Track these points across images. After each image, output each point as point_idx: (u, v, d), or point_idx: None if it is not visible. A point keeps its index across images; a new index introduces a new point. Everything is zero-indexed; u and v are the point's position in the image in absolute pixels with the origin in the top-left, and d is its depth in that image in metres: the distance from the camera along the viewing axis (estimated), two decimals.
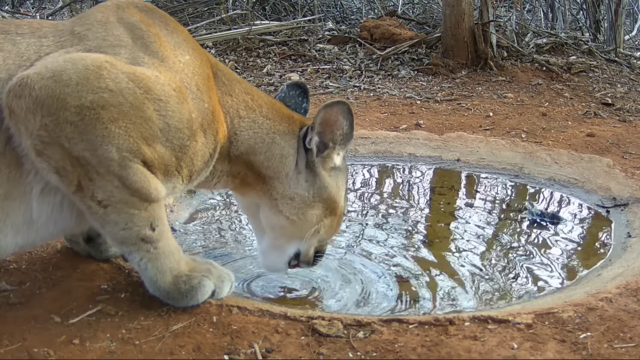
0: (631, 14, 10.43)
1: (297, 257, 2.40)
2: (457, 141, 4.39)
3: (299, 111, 2.46)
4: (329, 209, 2.32)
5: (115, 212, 1.94)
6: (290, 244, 2.37)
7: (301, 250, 2.39)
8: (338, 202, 2.35)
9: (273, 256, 2.41)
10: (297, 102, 2.53)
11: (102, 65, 1.87)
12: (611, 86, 6.42)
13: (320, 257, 2.45)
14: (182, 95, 1.99)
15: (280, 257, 2.39)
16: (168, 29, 2.13)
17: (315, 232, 2.33)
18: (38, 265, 2.36)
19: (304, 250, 2.39)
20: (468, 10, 6.70)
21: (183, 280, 2.07)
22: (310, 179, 2.28)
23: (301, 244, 2.36)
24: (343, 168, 2.38)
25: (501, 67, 6.69)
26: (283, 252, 2.38)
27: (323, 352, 1.90)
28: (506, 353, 1.90)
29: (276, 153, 2.24)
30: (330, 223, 2.36)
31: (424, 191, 3.85)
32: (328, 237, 2.42)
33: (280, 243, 2.37)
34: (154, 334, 1.95)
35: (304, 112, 2.51)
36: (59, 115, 1.82)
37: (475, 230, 3.19)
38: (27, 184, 1.93)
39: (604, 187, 3.62)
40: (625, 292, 2.29)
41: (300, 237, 2.34)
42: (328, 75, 6.64)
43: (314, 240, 2.37)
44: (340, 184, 2.35)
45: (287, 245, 2.37)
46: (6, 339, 1.90)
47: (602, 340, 1.98)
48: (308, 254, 2.40)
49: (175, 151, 1.99)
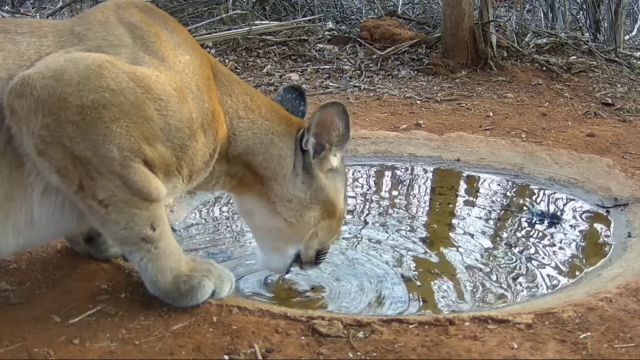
0: (631, 14, 10.43)
1: (298, 258, 2.40)
2: (457, 141, 4.39)
3: (296, 114, 2.46)
4: (326, 211, 2.32)
5: (116, 212, 1.95)
6: (290, 246, 2.36)
7: (301, 252, 2.38)
8: (336, 204, 2.34)
9: (273, 258, 2.41)
10: (294, 105, 2.52)
11: (103, 65, 1.87)
12: (611, 86, 6.42)
13: (323, 257, 2.44)
14: (182, 94, 1.99)
15: (281, 258, 2.39)
16: (168, 29, 2.13)
17: (313, 234, 2.33)
18: (38, 265, 2.36)
19: (304, 252, 2.39)
20: (468, 10, 6.70)
21: (183, 280, 2.07)
22: (307, 180, 2.28)
23: (301, 245, 2.36)
24: (341, 170, 2.38)
25: (501, 67, 6.69)
26: (283, 254, 2.38)
27: (323, 352, 1.90)
28: (506, 353, 1.90)
29: (274, 154, 2.24)
30: (329, 225, 2.36)
31: (423, 191, 3.85)
32: (328, 239, 2.42)
33: (279, 245, 2.37)
34: (154, 334, 1.95)
35: (302, 114, 2.50)
36: (60, 114, 1.82)
37: (475, 230, 3.19)
38: (28, 185, 1.93)
39: (604, 187, 3.62)
40: (625, 292, 2.29)
41: (299, 239, 2.33)
42: (328, 75, 6.64)
43: (313, 241, 2.37)
44: (338, 185, 2.35)
45: (286, 247, 2.37)
46: (6, 339, 1.90)
47: (602, 340, 1.98)
48: (308, 255, 2.40)
49: (176, 151, 1.99)
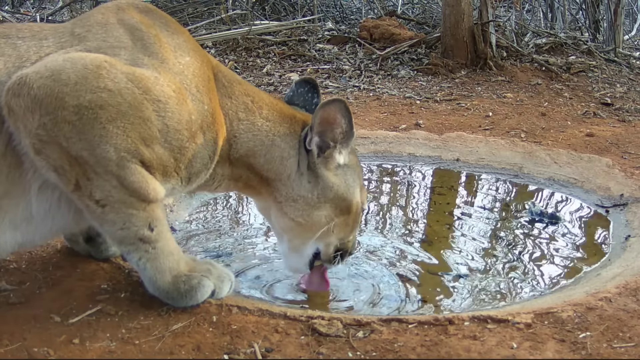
0: (630, 13, 10.44)
1: (318, 256, 2.37)
2: (457, 141, 4.39)
3: (309, 108, 2.44)
4: (339, 207, 2.28)
5: (113, 212, 1.94)
6: (307, 244, 2.33)
7: (320, 250, 2.35)
8: (350, 200, 2.30)
9: (293, 257, 2.39)
10: (307, 99, 2.50)
11: (101, 65, 1.87)
12: (610, 86, 6.42)
13: (344, 255, 2.39)
14: (181, 96, 1.99)
15: (300, 258, 2.37)
16: (168, 30, 2.13)
17: (328, 231, 2.29)
18: (38, 265, 2.37)
19: (324, 250, 2.35)
20: (467, 10, 6.71)
21: (182, 280, 2.07)
22: (313, 180, 2.25)
23: (320, 243, 2.33)
24: (353, 164, 2.34)
25: (500, 67, 6.70)
26: (302, 253, 2.36)
27: (323, 351, 1.90)
28: (506, 353, 1.90)
29: (276, 155, 2.23)
30: (344, 221, 2.32)
31: (423, 191, 3.85)
32: (346, 235, 2.37)
33: (296, 244, 2.35)
34: (154, 334, 1.95)
35: (315, 107, 2.43)
36: (57, 114, 1.82)
37: (474, 230, 3.19)
38: (27, 182, 1.93)
39: (603, 186, 3.62)
40: (624, 291, 2.29)
41: (310, 237, 2.31)
42: (328, 75, 6.64)
43: (331, 239, 2.33)
44: (349, 181, 2.30)
45: (304, 245, 2.34)
46: (6, 339, 1.90)
47: (601, 340, 1.98)
48: (328, 253, 2.36)
49: (174, 152, 1.99)
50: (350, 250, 2.42)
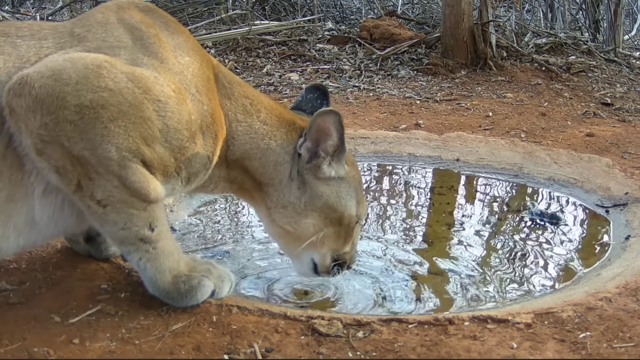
0: (630, 13, 10.44)
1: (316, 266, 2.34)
2: (457, 141, 4.39)
3: None
4: (328, 218, 2.25)
5: (115, 212, 1.95)
6: (302, 253, 2.31)
7: (316, 260, 2.33)
8: (341, 211, 2.25)
9: (296, 263, 2.39)
10: (315, 105, 2.47)
11: (101, 65, 1.87)
12: (610, 86, 6.42)
13: (341, 267, 2.35)
14: (181, 96, 1.99)
15: (301, 263, 2.36)
16: (169, 30, 2.13)
17: (319, 242, 2.26)
18: (38, 265, 2.37)
19: (319, 260, 2.32)
20: (467, 10, 6.71)
21: (182, 280, 2.07)
22: (302, 186, 2.23)
23: (313, 253, 2.31)
24: (350, 177, 2.29)
25: (500, 67, 6.70)
26: (301, 260, 2.35)
27: (323, 351, 1.90)
28: (506, 353, 1.90)
29: (270, 160, 2.21)
30: (335, 233, 2.28)
31: (423, 191, 3.85)
32: (339, 247, 2.32)
33: (290, 251, 2.36)
34: (154, 334, 1.95)
35: None
36: (58, 114, 1.82)
37: (474, 230, 3.19)
38: (29, 185, 1.93)
39: (603, 186, 3.62)
40: (624, 291, 2.29)
41: (299, 246, 2.28)
42: (328, 75, 6.64)
43: (323, 250, 2.30)
44: (342, 193, 2.26)
45: (302, 253, 2.31)
46: (6, 339, 1.90)
47: (601, 340, 1.98)
48: (324, 264, 2.33)
49: (174, 152, 1.99)
50: (349, 263, 2.38)
